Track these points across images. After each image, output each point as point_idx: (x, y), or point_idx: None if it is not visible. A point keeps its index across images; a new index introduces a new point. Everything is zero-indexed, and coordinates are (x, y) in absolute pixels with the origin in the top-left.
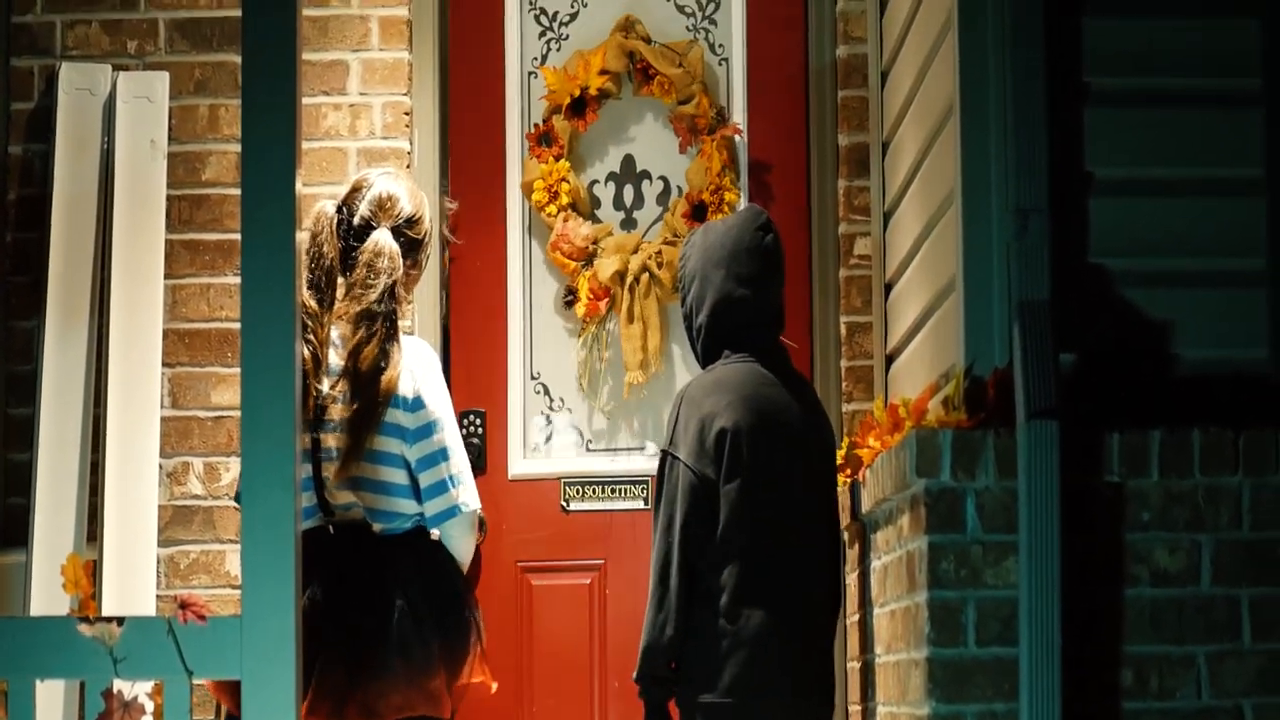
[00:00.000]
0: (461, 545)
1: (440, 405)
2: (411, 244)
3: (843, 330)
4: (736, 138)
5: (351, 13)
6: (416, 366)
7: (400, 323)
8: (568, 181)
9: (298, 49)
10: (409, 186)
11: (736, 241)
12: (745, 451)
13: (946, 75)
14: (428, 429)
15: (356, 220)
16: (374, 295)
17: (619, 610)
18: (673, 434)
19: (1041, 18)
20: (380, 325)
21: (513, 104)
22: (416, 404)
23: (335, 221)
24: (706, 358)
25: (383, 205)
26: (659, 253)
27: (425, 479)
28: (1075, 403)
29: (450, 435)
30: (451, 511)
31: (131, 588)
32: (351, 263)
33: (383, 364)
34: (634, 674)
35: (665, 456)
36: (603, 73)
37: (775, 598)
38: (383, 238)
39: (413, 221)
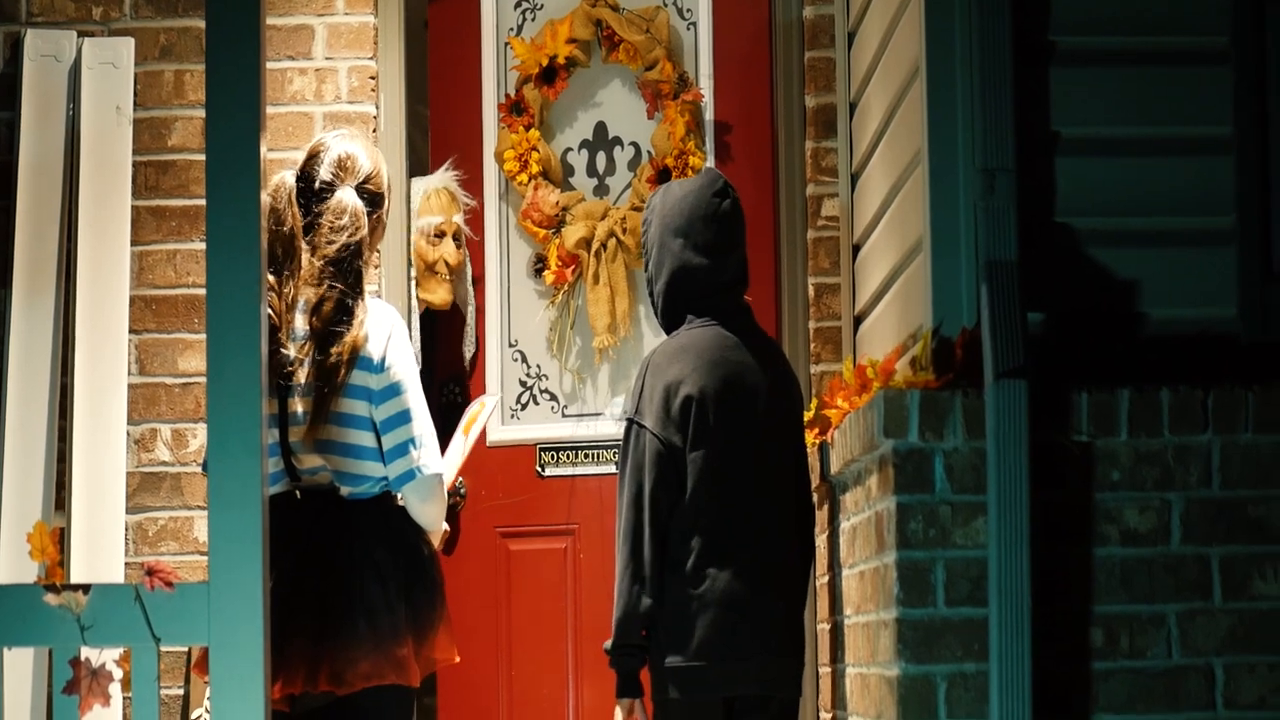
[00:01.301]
0: (422, 510)
1: (405, 367)
2: (373, 200)
3: (811, 291)
4: (703, 101)
5: None
6: (382, 328)
7: (366, 285)
8: (538, 150)
9: (262, 13)
10: (364, 144)
11: (693, 209)
12: (711, 418)
13: (913, 35)
14: (392, 390)
15: (318, 185)
16: (335, 250)
17: (592, 573)
18: (638, 402)
19: None
20: (341, 281)
21: (489, 74)
22: (381, 365)
23: (295, 190)
24: (668, 324)
25: (343, 165)
26: (624, 219)
27: (388, 441)
28: (1043, 362)
29: (414, 398)
30: (410, 474)
31: (100, 555)
32: (315, 227)
33: (343, 320)
34: (607, 644)
35: (630, 425)
36: (570, 41)
37: (743, 561)
38: (346, 196)
39: (371, 177)
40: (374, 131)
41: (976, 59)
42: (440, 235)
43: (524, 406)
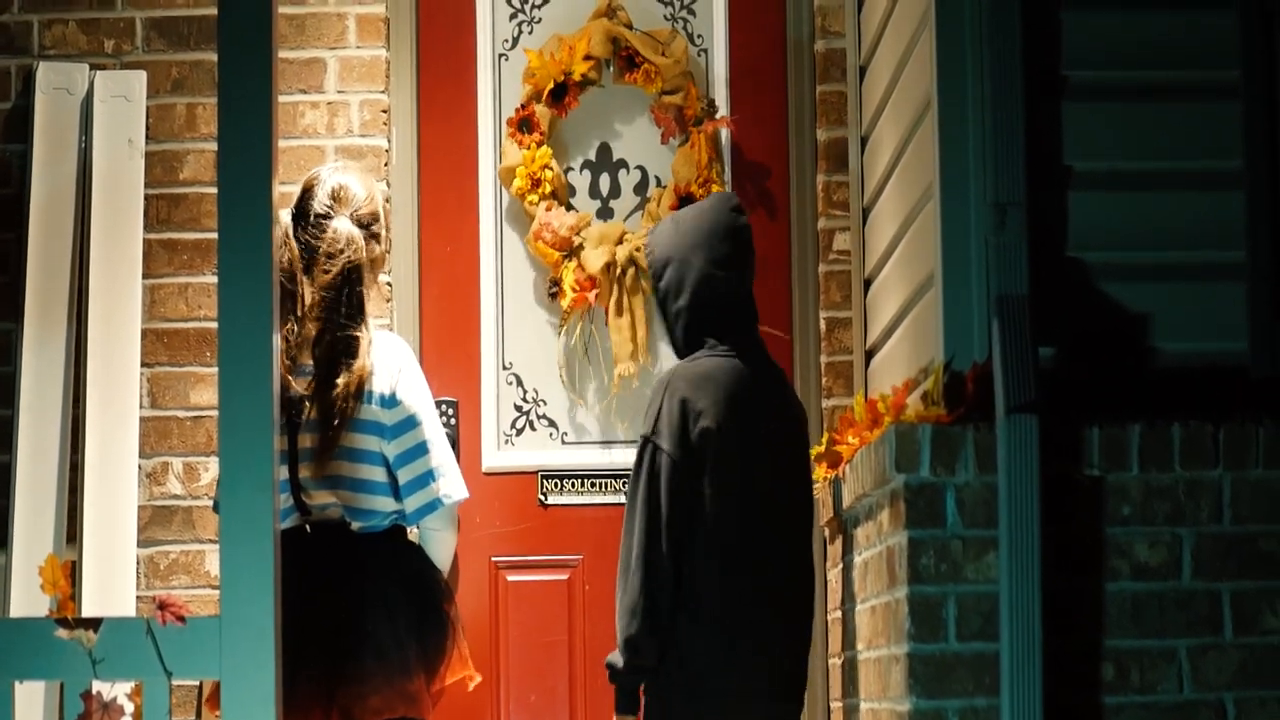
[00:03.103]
0: (441, 539)
1: (419, 400)
2: (370, 228)
3: (822, 325)
4: (723, 130)
5: (329, 10)
6: (393, 362)
7: (369, 311)
8: (550, 169)
9: (274, 47)
10: (359, 175)
11: (713, 224)
12: (729, 453)
13: (924, 69)
14: (406, 424)
15: (314, 217)
16: (331, 277)
17: (599, 607)
18: (655, 422)
19: (1018, 11)
20: (340, 311)
21: (484, 89)
22: (393, 400)
23: (291, 226)
24: (688, 343)
25: (338, 196)
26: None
27: (405, 474)
28: (1054, 397)
29: (431, 429)
30: (433, 505)
31: (111, 588)
32: (313, 259)
33: (347, 352)
34: (614, 660)
35: (648, 443)
36: (587, 58)
37: (754, 599)
38: (341, 224)
39: (366, 206)
40: (386, 165)
41: (988, 93)
42: None
43: (519, 432)
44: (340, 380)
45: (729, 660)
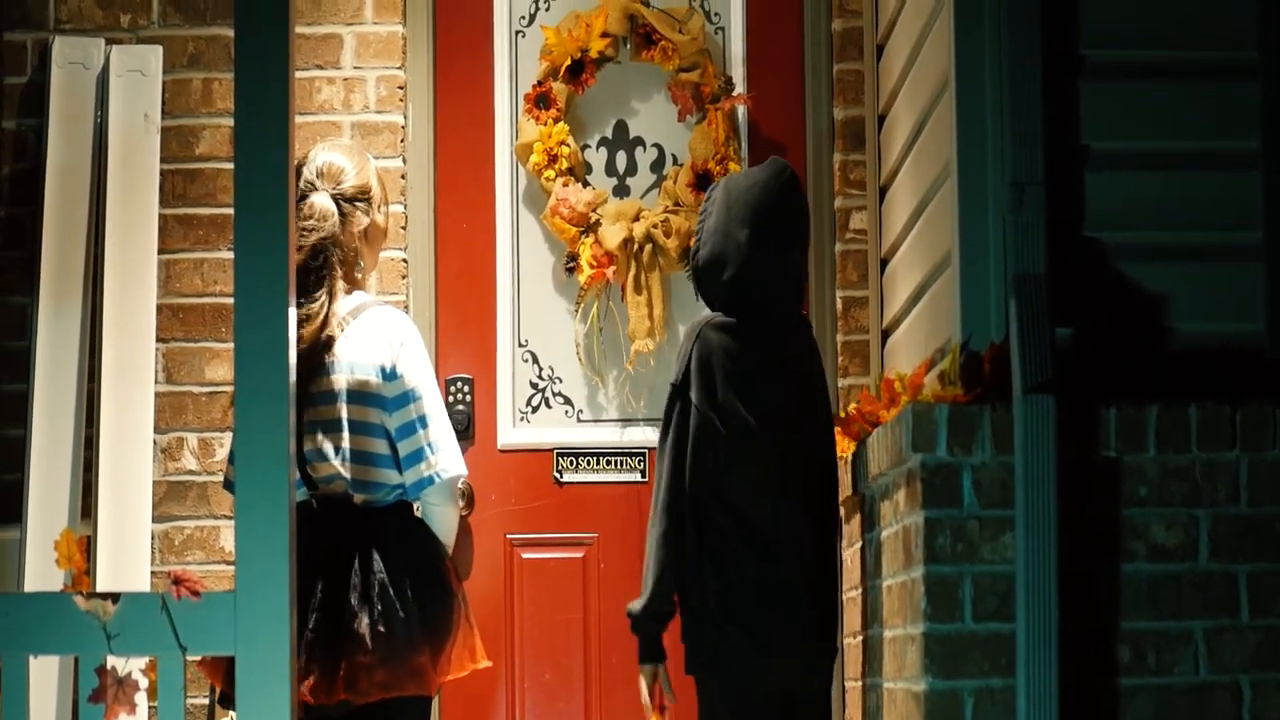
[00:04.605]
0: (439, 514)
1: (418, 374)
2: (353, 202)
3: (839, 305)
4: (740, 108)
5: None
6: (394, 335)
7: (339, 287)
8: (568, 145)
9: (291, 22)
10: (347, 151)
11: (759, 201)
12: (756, 405)
13: (942, 48)
14: (405, 398)
15: (298, 193)
16: (303, 253)
17: (614, 585)
18: (685, 373)
19: None
20: (310, 279)
21: (501, 65)
22: (394, 374)
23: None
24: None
25: (321, 172)
26: (666, 221)
27: (404, 448)
28: (1072, 377)
29: (430, 404)
30: (428, 480)
31: (126, 563)
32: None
33: (303, 323)
34: (635, 608)
35: (677, 393)
36: (604, 35)
37: (772, 564)
38: (316, 199)
39: (347, 181)
40: (402, 141)
41: (1006, 72)
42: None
43: (535, 409)
44: (311, 354)
45: (759, 614)
